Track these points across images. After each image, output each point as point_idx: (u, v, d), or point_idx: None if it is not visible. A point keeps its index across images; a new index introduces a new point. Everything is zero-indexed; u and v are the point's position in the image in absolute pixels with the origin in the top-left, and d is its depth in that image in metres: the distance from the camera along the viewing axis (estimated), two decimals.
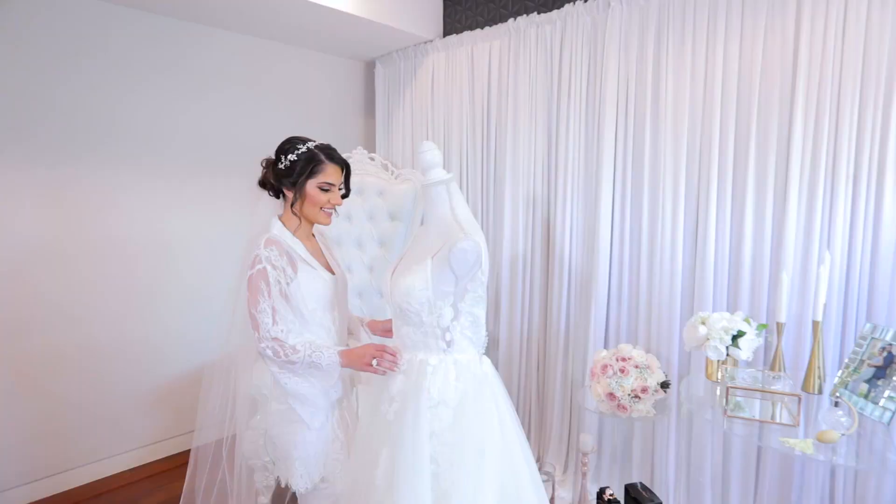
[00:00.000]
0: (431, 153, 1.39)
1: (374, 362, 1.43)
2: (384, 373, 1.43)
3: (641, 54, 2.30)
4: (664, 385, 1.87)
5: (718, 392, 1.71)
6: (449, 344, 1.39)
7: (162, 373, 2.89)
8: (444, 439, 1.32)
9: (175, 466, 2.85)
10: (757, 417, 1.51)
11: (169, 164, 2.83)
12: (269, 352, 1.44)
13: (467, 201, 2.99)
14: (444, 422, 1.33)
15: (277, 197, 1.58)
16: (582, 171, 2.54)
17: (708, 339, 1.69)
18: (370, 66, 3.64)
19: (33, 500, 2.52)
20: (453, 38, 3.03)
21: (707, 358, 1.78)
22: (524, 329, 2.81)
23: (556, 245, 2.62)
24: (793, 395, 1.52)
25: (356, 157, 3.07)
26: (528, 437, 2.82)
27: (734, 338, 1.66)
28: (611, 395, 1.81)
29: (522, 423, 2.86)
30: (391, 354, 1.43)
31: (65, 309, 2.55)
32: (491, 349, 3.03)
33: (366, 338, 1.75)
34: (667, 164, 2.24)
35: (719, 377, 1.73)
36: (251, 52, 3.09)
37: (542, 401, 2.78)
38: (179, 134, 2.85)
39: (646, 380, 1.80)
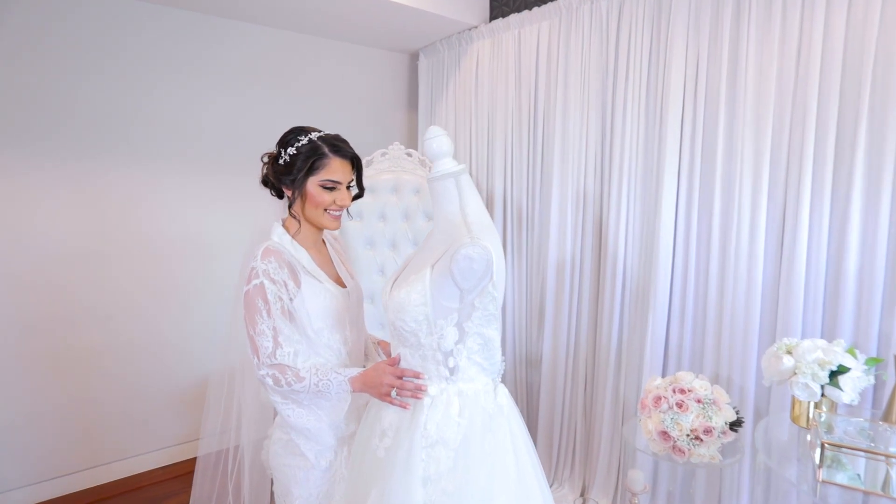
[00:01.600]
0: (439, 140, 1.15)
1: (394, 392, 1.17)
2: (407, 406, 1.16)
3: (716, 28, 1.93)
4: (735, 425, 1.52)
5: (809, 439, 1.35)
6: (452, 371, 1.14)
7: (192, 373, 2.84)
8: (442, 486, 1.08)
9: (220, 462, 2.82)
10: (861, 487, 1.14)
11: (202, 163, 2.77)
12: (269, 380, 1.22)
13: (511, 200, 2.72)
14: (442, 465, 1.08)
15: (280, 197, 1.36)
16: (640, 166, 2.20)
17: (795, 373, 1.33)
18: (414, 58, 3.46)
19: (63, 494, 2.54)
20: (499, 22, 2.77)
21: (794, 397, 1.41)
22: (571, 344, 2.50)
23: (609, 249, 2.30)
24: None
25: (392, 153, 2.88)
26: (572, 466, 2.51)
27: (833, 374, 1.29)
28: (664, 435, 1.49)
29: (566, 450, 2.58)
30: (413, 377, 1.17)
31: (96, 308, 2.54)
32: (533, 365, 2.74)
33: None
34: (745, 155, 1.87)
35: (810, 423, 1.36)
36: (289, 47, 2.99)
37: (589, 425, 2.46)
38: (212, 131, 2.79)
39: (710, 418, 1.46)
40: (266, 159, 1.34)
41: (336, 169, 1.29)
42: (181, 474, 2.75)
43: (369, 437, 1.19)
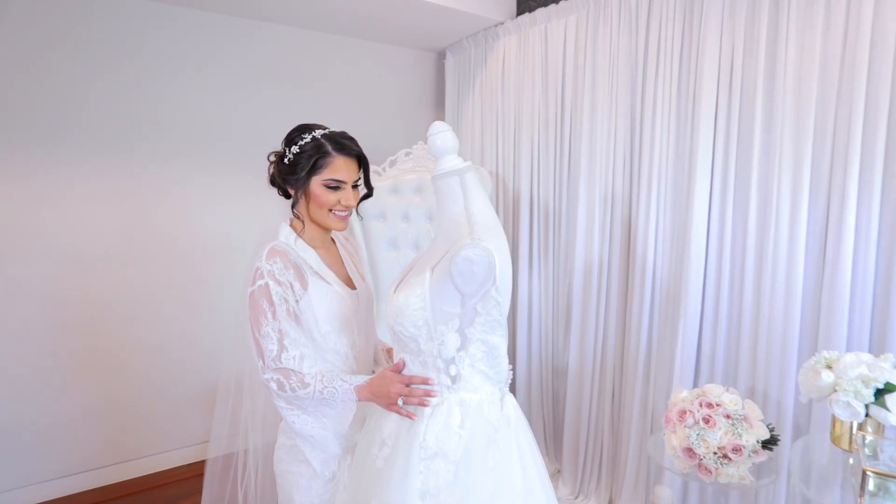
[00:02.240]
0: (443, 136, 1.09)
1: (401, 401, 1.12)
2: (414, 416, 1.10)
3: (753, 18, 1.81)
4: (768, 443, 1.41)
5: (851, 463, 1.23)
6: (454, 379, 1.08)
7: (217, 372, 2.87)
8: (441, 501, 1.02)
9: (231, 465, 2.84)
10: None
11: (228, 163, 2.81)
12: (273, 385, 1.18)
13: (538, 200, 2.64)
14: (441, 478, 1.03)
15: (287, 197, 1.34)
16: (671, 165, 2.08)
17: (835, 390, 1.21)
18: (441, 57, 3.42)
19: (91, 488, 2.61)
20: (525, 17, 2.70)
21: (834, 416, 1.29)
22: (598, 351, 2.40)
23: (638, 252, 2.19)
24: None
25: (417, 153, 2.85)
26: (598, 478, 2.41)
27: (879, 392, 1.17)
28: (689, 452, 1.39)
29: (592, 461, 2.47)
30: (422, 383, 1.11)
31: (123, 308, 2.61)
32: (559, 373, 2.65)
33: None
34: (784, 154, 1.74)
35: (853, 446, 1.24)
36: (315, 47, 3.00)
37: (616, 436, 2.35)
38: (238, 131, 2.82)
39: (740, 436, 1.35)
40: (272, 158, 1.31)
41: (340, 168, 1.25)
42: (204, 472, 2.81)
43: (369, 445, 1.15)
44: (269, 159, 1.32)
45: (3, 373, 2.37)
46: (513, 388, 2.91)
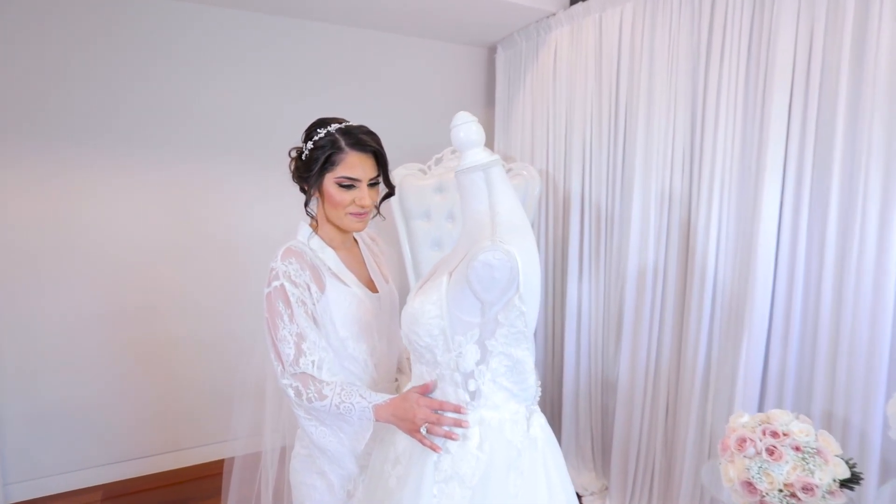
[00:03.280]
0: (466, 127, 1.00)
1: (425, 429, 1.00)
2: (439, 449, 0.98)
3: None
4: (848, 483, 1.21)
5: None
6: (473, 395, 0.99)
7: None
8: None
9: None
10: None
11: (276, 161, 2.83)
12: (291, 392, 1.12)
13: (589, 201, 2.49)
14: None
15: (305, 194, 1.27)
16: (736, 162, 1.88)
17: None
18: (492, 52, 3.32)
19: (143, 474, 2.72)
20: (579, 6, 2.55)
21: None
22: (651, 364, 2.22)
23: (698, 255, 2.00)
24: None
25: None
26: (649, 500, 2.23)
27: None
28: (749, 486, 1.22)
29: (642, 483, 2.28)
30: (453, 410, 0.99)
31: (177, 299, 2.70)
32: (608, 386, 2.48)
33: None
34: (873, 148, 1.51)
35: None
36: (363, 46, 2.99)
37: (670, 458, 2.16)
38: (284, 131, 2.83)
39: (812, 472, 1.17)
40: (293, 154, 1.26)
41: (353, 164, 1.16)
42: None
43: (383, 461, 1.08)
44: (289, 155, 1.26)
45: (55, 361, 2.50)
46: (559, 399, 2.77)
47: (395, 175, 2.74)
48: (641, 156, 2.21)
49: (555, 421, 2.87)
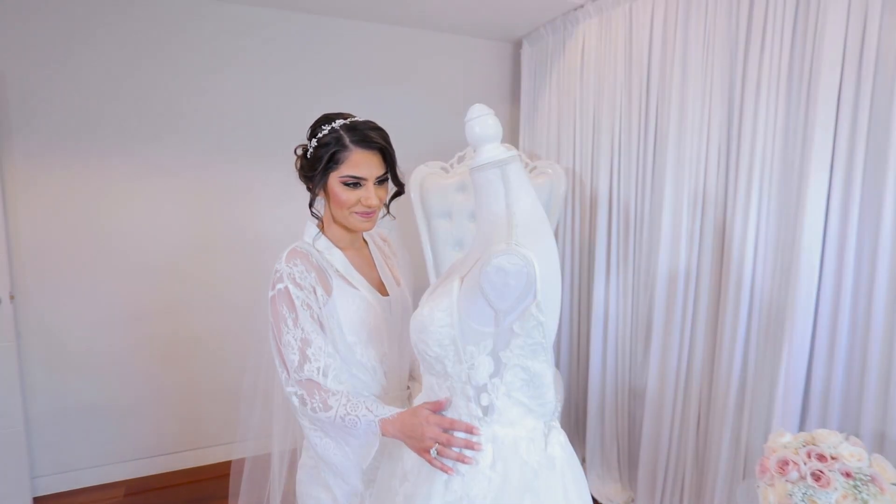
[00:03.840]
0: (482, 121, 0.92)
1: (434, 451, 0.92)
2: (451, 471, 0.91)
3: None
4: None
5: None
6: (486, 410, 0.91)
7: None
8: None
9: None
10: None
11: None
12: (296, 400, 1.06)
13: (618, 201, 2.38)
14: None
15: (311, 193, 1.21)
16: (777, 156, 1.75)
17: None
18: (517, 47, 3.23)
19: (165, 471, 2.73)
20: None
21: None
22: (682, 373, 2.10)
23: (733, 260, 1.88)
24: None
25: None
26: None
27: None
28: None
29: (672, 495, 2.13)
30: (465, 430, 0.92)
31: (201, 298, 2.70)
32: (636, 393, 2.37)
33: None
34: None
35: None
36: (387, 43, 2.94)
37: (701, 471, 2.04)
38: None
39: (865, 502, 1.06)
40: (299, 152, 1.20)
41: (358, 162, 1.10)
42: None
43: (391, 476, 1.01)
44: (295, 153, 1.20)
45: (82, 359, 2.53)
46: (584, 405, 2.67)
47: (417, 173, 2.68)
48: (673, 153, 2.09)
49: (579, 428, 2.77)
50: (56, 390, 2.50)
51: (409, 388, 1.26)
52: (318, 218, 1.19)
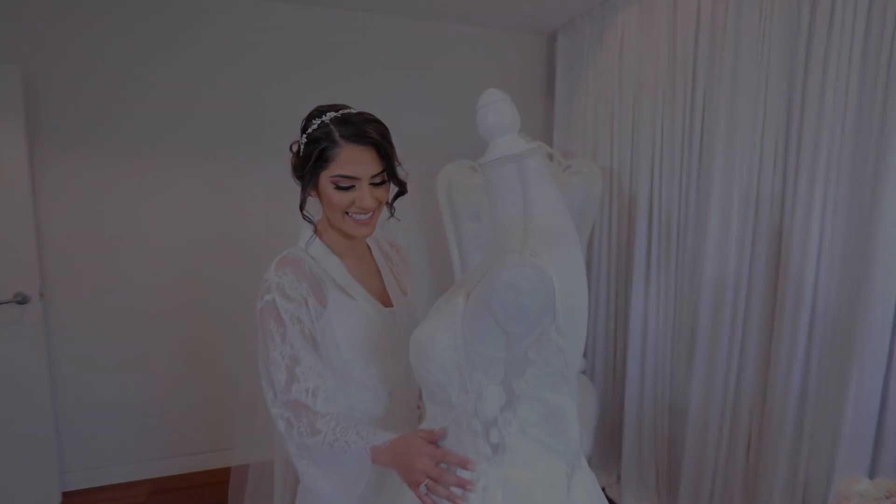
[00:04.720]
0: (496, 108, 0.79)
1: (424, 488, 0.81)
2: None
3: None
4: None
5: None
6: (497, 449, 0.77)
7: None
8: None
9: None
10: None
11: None
12: (281, 423, 0.95)
13: (659, 203, 2.20)
14: None
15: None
16: (847, 153, 1.54)
17: None
18: (551, 40, 3.07)
19: (184, 472, 2.71)
20: None
21: None
22: (730, 391, 1.90)
23: (791, 268, 1.67)
24: None
25: None
26: None
27: None
28: None
29: None
30: (457, 464, 0.80)
31: (222, 299, 2.65)
32: (677, 412, 2.17)
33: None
34: None
35: None
36: (416, 36, 2.84)
37: (751, 503, 1.84)
38: None
39: None
40: (294, 149, 1.08)
41: (350, 160, 0.97)
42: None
43: None
44: (291, 150, 1.08)
45: (110, 358, 2.53)
46: (619, 423, 2.48)
47: (444, 173, 2.56)
48: (723, 151, 1.89)
49: (614, 444, 2.59)
50: (85, 388, 2.51)
51: (419, 407, 1.14)
52: (310, 222, 1.07)
